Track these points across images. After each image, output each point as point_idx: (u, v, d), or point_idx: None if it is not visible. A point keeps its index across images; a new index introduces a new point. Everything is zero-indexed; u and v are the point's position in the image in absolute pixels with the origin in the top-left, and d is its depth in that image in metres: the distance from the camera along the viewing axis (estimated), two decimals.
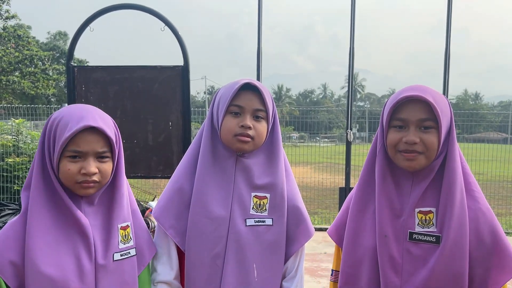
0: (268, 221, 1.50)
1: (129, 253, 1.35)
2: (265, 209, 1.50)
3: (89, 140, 1.24)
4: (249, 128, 1.44)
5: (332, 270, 1.61)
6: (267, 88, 1.53)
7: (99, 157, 1.27)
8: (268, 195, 1.51)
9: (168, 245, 1.52)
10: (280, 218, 1.51)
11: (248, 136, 1.45)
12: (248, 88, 1.47)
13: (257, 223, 1.49)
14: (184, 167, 1.55)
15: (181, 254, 1.52)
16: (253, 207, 1.50)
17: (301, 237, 1.55)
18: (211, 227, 1.46)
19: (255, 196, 1.50)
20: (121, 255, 1.32)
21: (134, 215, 1.42)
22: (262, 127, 1.48)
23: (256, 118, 1.47)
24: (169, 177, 3.98)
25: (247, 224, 1.48)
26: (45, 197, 1.24)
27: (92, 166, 1.24)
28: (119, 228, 1.33)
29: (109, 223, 1.31)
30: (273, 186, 1.51)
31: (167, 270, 1.51)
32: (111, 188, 1.33)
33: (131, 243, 1.36)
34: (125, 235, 1.34)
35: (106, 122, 1.29)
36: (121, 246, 1.33)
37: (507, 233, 6.84)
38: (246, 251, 1.46)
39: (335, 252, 1.60)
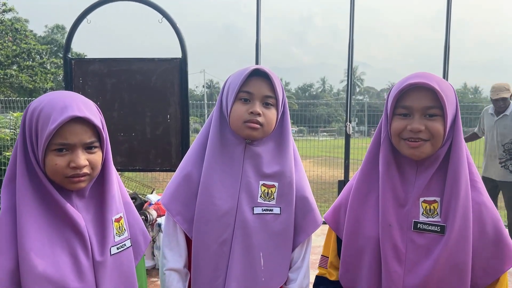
0: (276, 210, 1.48)
1: (125, 245, 1.31)
2: (273, 197, 1.49)
3: (76, 131, 1.15)
4: (259, 114, 1.43)
5: (321, 255, 1.57)
6: (277, 76, 1.50)
7: (88, 148, 1.19)
8: (276, 184, 1.49)
9: (177, 232, 1.52)
10: (288, 207, 1.50)
11: (258, 123, 1.43)
12: (257, 74, 1.45)
13: (264, 212, 1.47)
14: (192, 154, 1.54)
15: (189, 242, 1.52)
16: (261, 196, 1.48)
17: (308, 227, 1.54)
18: (218, 214, 1.45)
19: (263, 185, 1.48)
20: (117, 248, 1.28)
21: (126, 204, 1.37)
22: (272, 114, 1.46)
23: (266, 105, 1.45)
24: (167, 170, 3.96)
25: (255, 212, 1.47)
26: (33, 194, 1.15)
27: (82, 158, 1.16)
28: (113, 221, 1.27)
29: (103, 216, 1.25)
30: (282, 174, 1.50)
31: (176, 257, 1.51)
32: (101, 179, 1.26)
33: (126, 234, 1.32)
34: (119, 227, 1.30)
35: (91, 110, 1.20)
36: (117, 239, 1.28)
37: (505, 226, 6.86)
38: (253, 239, 1.45)
39: (327, 237, 1.57)
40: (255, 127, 1.43)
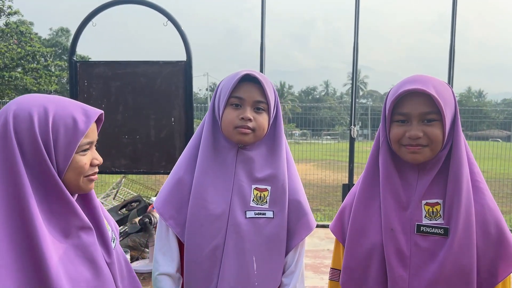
0: (269, 214, 1.48)
1: (115, 243, 1.33)
2: (266, 201, 1.48)
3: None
4: (249, 120, 1.43)
5: (331, 268, 1.55)
6: (269, 79, 1.50)
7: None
8: (269, 188, 1.49)
9: (169, 236, 1.51)
10: (281, 211, 1.49)
11: (249, 128, 1.43)
12: (249, 79, 1.44)
13: (257, 216, 1.47)
14: (185, 159, 1.54)
15: (181, 246, 1.51)
16: (253, 200, 1.48)
17: (301, 230, 1.53)
18: (211, 218, 1.44)
19: (256, 189, 1.48)
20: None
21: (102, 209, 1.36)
22: (263, 119, 1.46)
23: (257, 109, 1.45)
24: None
25: (247, 216, 1.46)
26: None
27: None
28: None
29: (98, 220, 1.24)
30: (274, 178, 1.49)
31: (168, 261, 1.50)
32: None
33: (112, 234, 1.33)
34: (108, 228, 1.30)
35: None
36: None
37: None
38: (245, 243, 1.45)
39: (335, 250, 1.55)
40: (246, 132, 1.43)
